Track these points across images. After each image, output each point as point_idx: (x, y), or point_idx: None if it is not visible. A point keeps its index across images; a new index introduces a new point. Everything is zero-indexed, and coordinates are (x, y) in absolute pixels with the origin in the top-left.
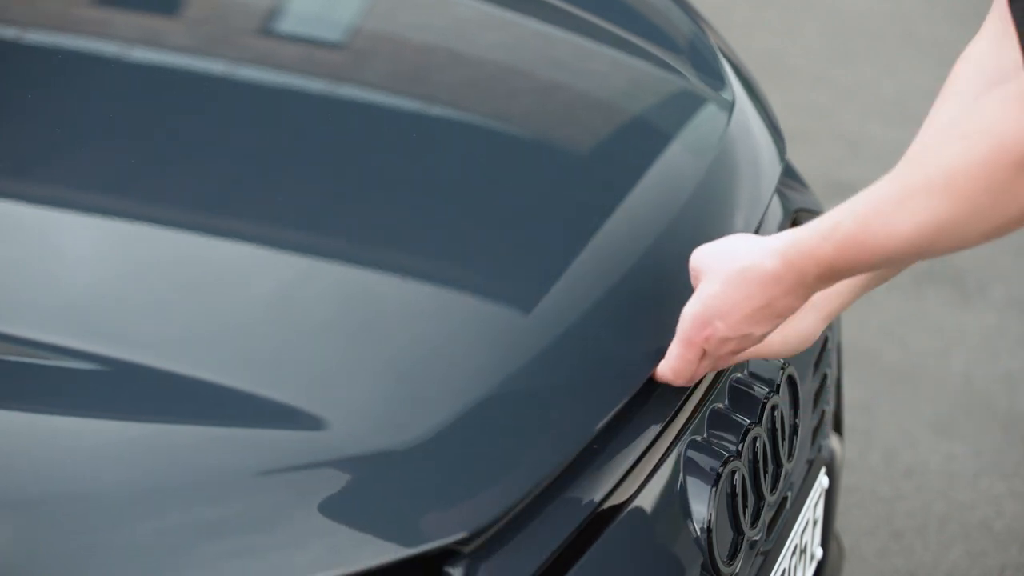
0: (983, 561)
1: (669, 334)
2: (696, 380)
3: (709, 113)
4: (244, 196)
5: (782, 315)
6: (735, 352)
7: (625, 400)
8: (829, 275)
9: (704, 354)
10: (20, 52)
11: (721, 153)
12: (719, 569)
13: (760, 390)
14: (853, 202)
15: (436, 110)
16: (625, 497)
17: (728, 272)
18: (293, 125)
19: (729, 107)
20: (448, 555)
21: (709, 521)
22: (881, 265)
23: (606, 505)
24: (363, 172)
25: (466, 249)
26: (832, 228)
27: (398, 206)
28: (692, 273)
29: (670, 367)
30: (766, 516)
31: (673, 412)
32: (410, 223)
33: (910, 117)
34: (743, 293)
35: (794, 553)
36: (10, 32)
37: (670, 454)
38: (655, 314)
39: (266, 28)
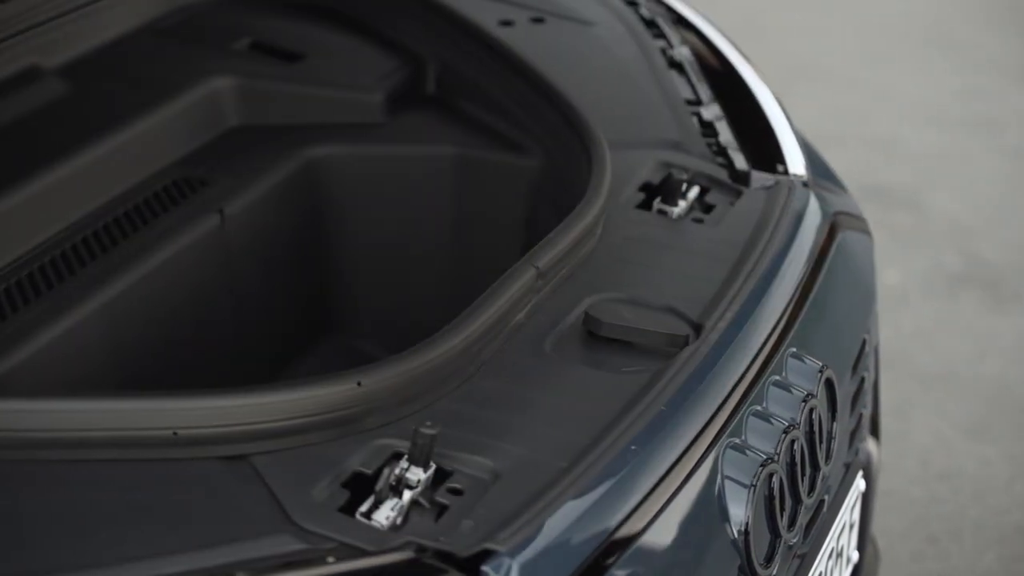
0: (1017, 566)
1: None
2: None
3: None
4: None
5: None
6: None
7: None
8: None
9: None
10: None
11: None
12: (756, 571)
13: (799, 392)
14: None
15: None
16: (664, 498)
17: None
18: None
19: None
20: (485, 554)
21: (747, 523)
22: None
23: (644, 506)
24: None
25: None
26: None
27: None
28: None
29: None
30: (803, 519)
31: (712, 413)
32: None
33: (943, 119)
34: None
35: (830, 556)
36: None
37: (708, 456)
38: None
39: None
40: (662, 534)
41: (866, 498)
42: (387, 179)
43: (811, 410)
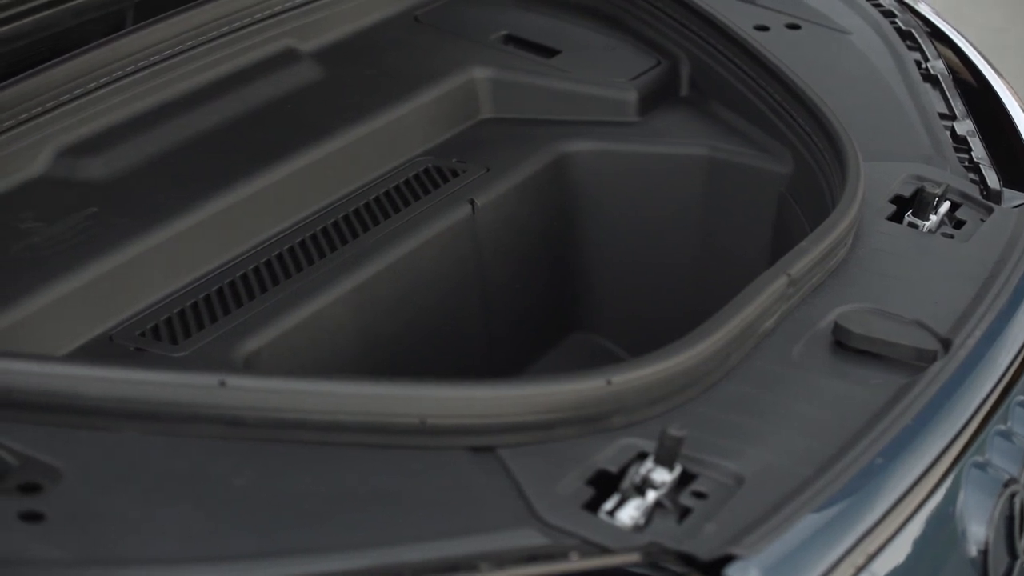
0: None
1: None
2: None
3: None
4: None
5: None
6: None
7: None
8: None
9: None
10: None
11: None
12: None
13: None
14: None
15: None
16: (906, 514)
17: None
18: None
19: None
20: (728, 559)
21: (986, 542)
22: None
23: (886, 520)
24: None
25: None
26: None
27: None
28: None
29: None
30: None
31: (957, 431)
32: None
33: None
34: None
35: None
36: None
37: (951, 473)
38: None
39: None
40: (901, 549)
41: None
42: (638, 178)
43: None
